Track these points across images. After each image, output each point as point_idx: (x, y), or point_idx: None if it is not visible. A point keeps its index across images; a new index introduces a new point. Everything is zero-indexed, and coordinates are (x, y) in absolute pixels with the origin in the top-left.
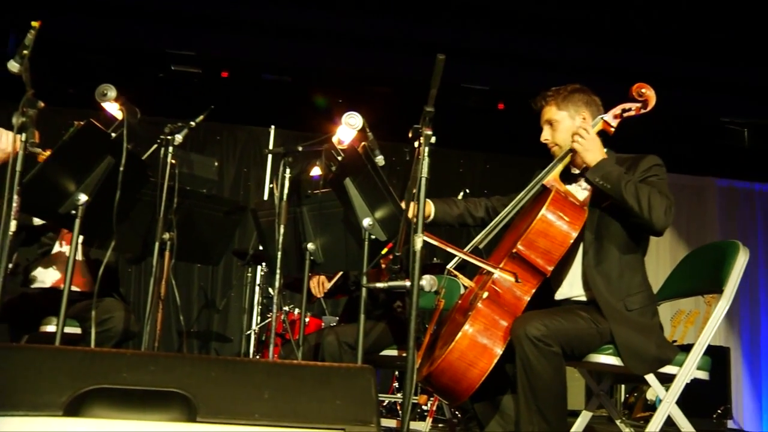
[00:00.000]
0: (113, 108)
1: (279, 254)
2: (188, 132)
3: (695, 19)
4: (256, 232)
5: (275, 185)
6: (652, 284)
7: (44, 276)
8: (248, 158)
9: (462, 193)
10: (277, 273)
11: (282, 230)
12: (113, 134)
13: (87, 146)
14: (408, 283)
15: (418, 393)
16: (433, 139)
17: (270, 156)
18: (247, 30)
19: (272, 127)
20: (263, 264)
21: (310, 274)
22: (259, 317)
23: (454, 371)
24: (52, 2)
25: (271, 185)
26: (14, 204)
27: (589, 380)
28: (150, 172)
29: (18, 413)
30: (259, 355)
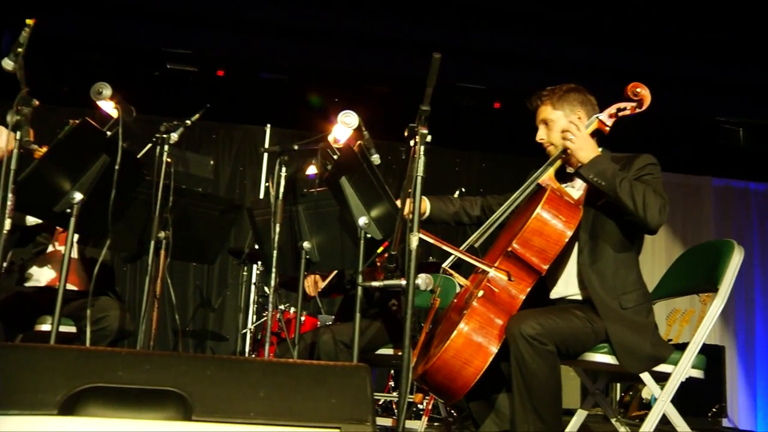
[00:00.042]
0: (108, 106)
1: (275, 253)
2: (184, 130)
3: (691, 19)
4: (252, 231)
5: (271, 184)
6: (648, 283)
7: (39, 275)
8: (244, 157)
9: (458, 192)
10: (273, 272)
11: (278, 229)
12: (108, 133)
13: (82, 145)
14: (403, 282)
15: (414, 392)
16: (429, 138)
17: (266, 155)
18: (244, 29)
19: (268, 126)
20: (259, 263)
21: (306, 273)
22: (255, 316)
23: (450, 370)
24: (48, 0)
25: (267, 184)
26: (9, 202)
27: (585, 379)
28: (145, 171)
29: (12, 412)
30: (255, 354)
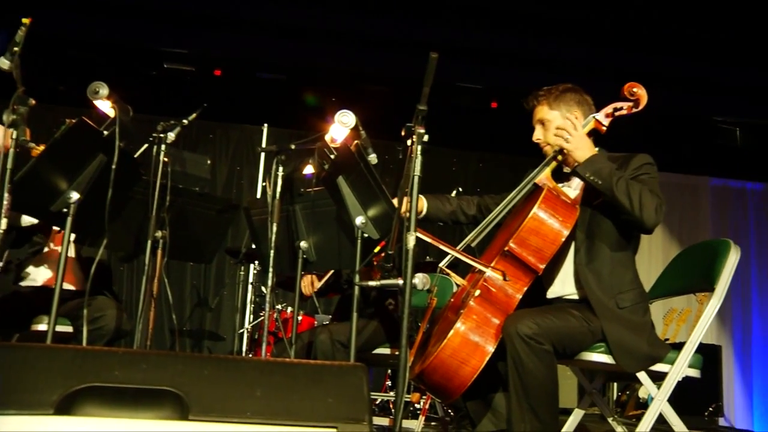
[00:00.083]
0: (105, 106)
1: (272, 252)
2: (181, 130)
3: (688, 19)
4: (249, 231)
5: (268, 183)
6: (645, 282)
7: (35, 274)
8: (241, 156)
9: (455, 192)
10: (270, 271)
11: (275, 228)
12: (105, 132)
13: (79, 144)
14: (400, 282)
15: (411, 391)
16: (426, 138)
17: (263, 154)
18: (241, 28)
19: (265, 126)
20: (256, 262)
21: (303, 273)
22: (252, 315)
23: (446, 369)
24: None
25: (264, 183)
26: (5, 202)
27: (582, 378)
28: (142, 170)
29: (9, 412)
30: (252, 354)
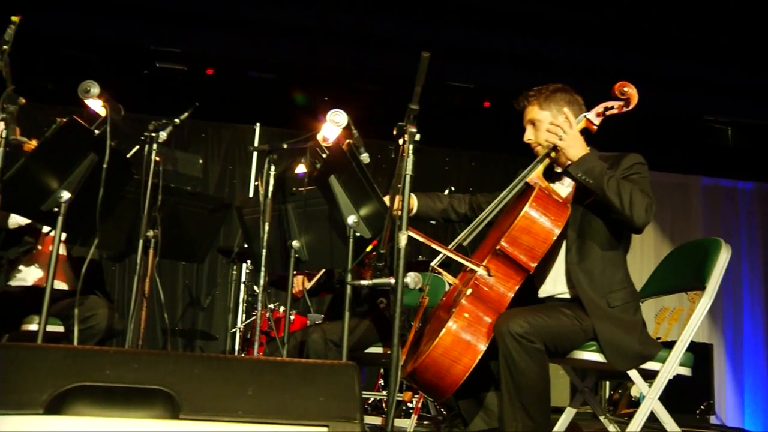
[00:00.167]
0: (96, 105)
1: (264, 252)
2: (173, 129)
3: (679, 19)
4: (241, 230)
5: (260, 183)
6: (637, 281)
7: (26, 274)
8: (233, 156)
9: (447, 191)
10: (262, 270)
11: (267, 228)
12: (96, 131)
13: (70, 143)
14: (392, 281)
15: (403, 390)
16: (418, 137)
17: (255, 153)
18: (233, 27)
19: (257, 125)
20: (248, 261)
21: (294, 273)
22: (244, 315)
23: (438, 367)
24: None
25: (256, 183)
26: None
27: (574, 377)
28: (134, 170)
29: None
30: (245, 353)
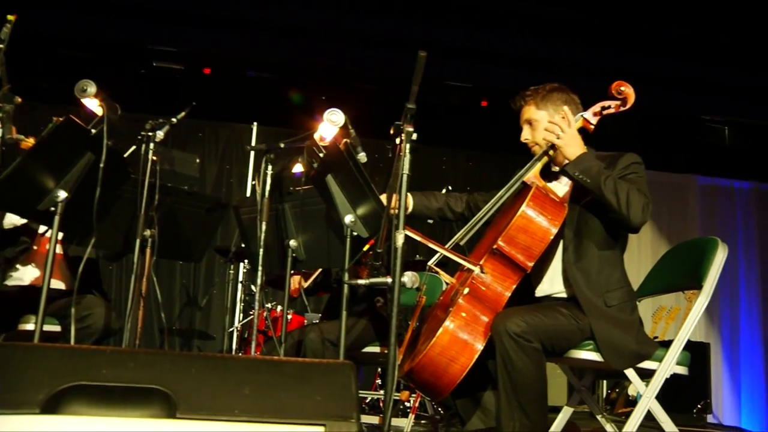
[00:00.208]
0: (93, 104)
1: (261, 251)
2: (170, 129)
3: (676, 18)
4: (238, 229)
5: (257, 182)
6: (634, 280)
7: (22, 273)
8: (230, 155)
9: (445, 190)
10: (259, 270)
11: (264, 227)
12: (93, 131)
13: (66, 142)
14: (389, 280)
15: (401, 389)
16: (415, 136)
17: (252, 153)
18: (231, 27)
19: (255, 124)
20: (245, 261)
21: (292, 272)
22: (242, 314)
23: (436, 367)
24: None
25: (253, 182)
26: None
27: (571, 376)
28: (131, 169)
29: None
30: (242, 353)
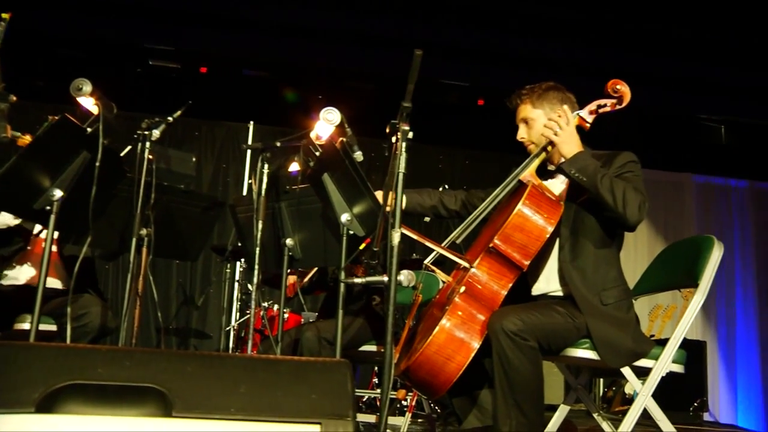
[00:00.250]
0: (89, 103)
1: (257, 250)
2: (166, 127)
3: (672, 17)
4: (235, 228)
5: (254, 181)
6: (630, 279)
7: (18, 273)
8: (227, 154)
9: (441, 188)
10: (256, 269)
11: (260, 226)
12: (89, 129)
13: (62, 141)
14: (386, 279)
15: (397, 388)
16: (411, 135)
17: (248, 151)
18: (227, 25)
19: (251, 123)
20: (242, 260)
21: (288, 270)
22: (238, 313)
23: (432, 365)
24: None
25: (250, 181)
26: None
27: (567, 375)
28: (127, 168)
29: None
30: (238, 352)
